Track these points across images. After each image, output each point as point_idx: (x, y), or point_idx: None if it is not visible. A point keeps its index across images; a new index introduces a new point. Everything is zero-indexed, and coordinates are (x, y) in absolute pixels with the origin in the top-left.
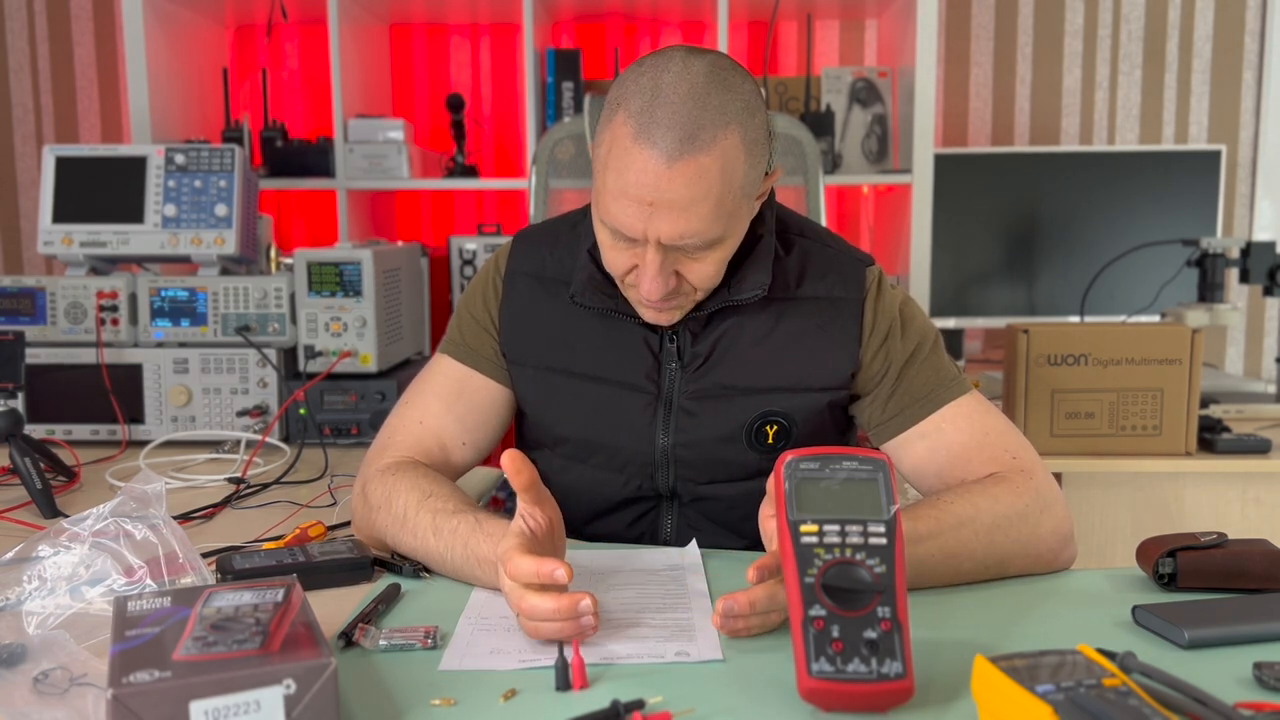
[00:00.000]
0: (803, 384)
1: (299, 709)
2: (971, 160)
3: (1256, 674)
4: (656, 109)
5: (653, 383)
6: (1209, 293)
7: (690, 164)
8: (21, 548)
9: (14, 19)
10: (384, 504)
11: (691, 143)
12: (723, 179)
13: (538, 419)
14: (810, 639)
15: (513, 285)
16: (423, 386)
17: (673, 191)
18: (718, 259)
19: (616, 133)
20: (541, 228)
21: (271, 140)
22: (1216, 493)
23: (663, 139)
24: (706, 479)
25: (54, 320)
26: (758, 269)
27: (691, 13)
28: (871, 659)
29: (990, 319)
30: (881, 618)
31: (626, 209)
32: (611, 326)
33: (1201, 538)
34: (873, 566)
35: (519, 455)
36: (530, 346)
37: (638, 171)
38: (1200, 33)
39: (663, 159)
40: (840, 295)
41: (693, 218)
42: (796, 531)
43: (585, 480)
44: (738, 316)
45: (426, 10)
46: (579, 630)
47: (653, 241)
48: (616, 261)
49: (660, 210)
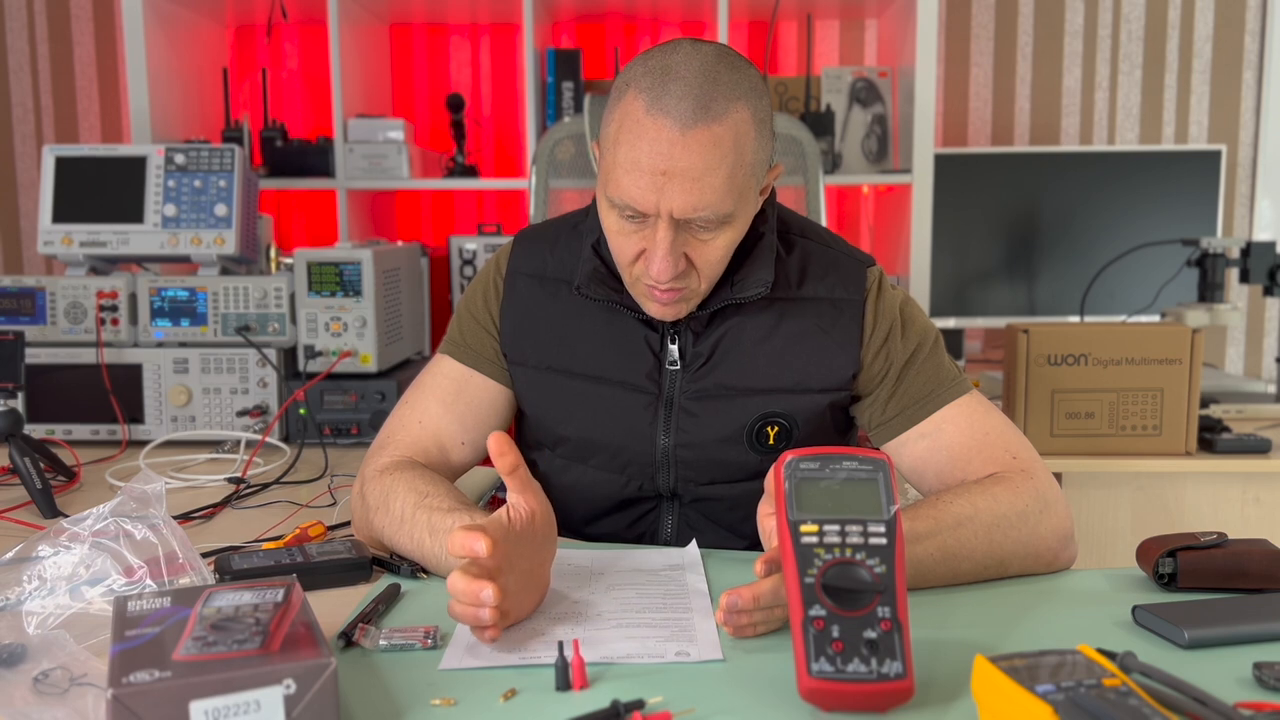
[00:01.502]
0: (804, 385)
1: (299, 709)
2: (971, 160)
3: (1256, 674)
4: (669, 83)
5: (654, 383)
6: (1209, 293)
7: (704, 132)
8: (21, 548)
9: (14, 19)
10: (382, 504)
11: (705, 112)
12: (735, 150)
13: (538, 419)
14: (810, 639)
15: (513, 285)
16: (422, 387)
17: (686, 159)
18: (725, 242)
19: (628, 109)
20: (542, 227)
21: (271, 140)
22: (1216, 493)
23: (676, 108)
24: (707, 479)
25: (54, 320)
26: (760, 266)
27: (691, 13)
28: (871, 659)
29: (990, 319)
30: (881, 617)
31: (639, 181)
32: (613, 326)
33: (1201, 538)
34: (873, 566)
35: (504, 438)
36: (531, 346)
37: (651, 140)
38: (1200, 33)
39: (676, 127)
40: (841, 296)
41: (706, 189)
42: (796, 531)
43: (586, 480)
44: (739, 317)
45: (426, 10)
46: (475, 620)
47: (664, 215)
48: (625, 247)
49: (674, 180)
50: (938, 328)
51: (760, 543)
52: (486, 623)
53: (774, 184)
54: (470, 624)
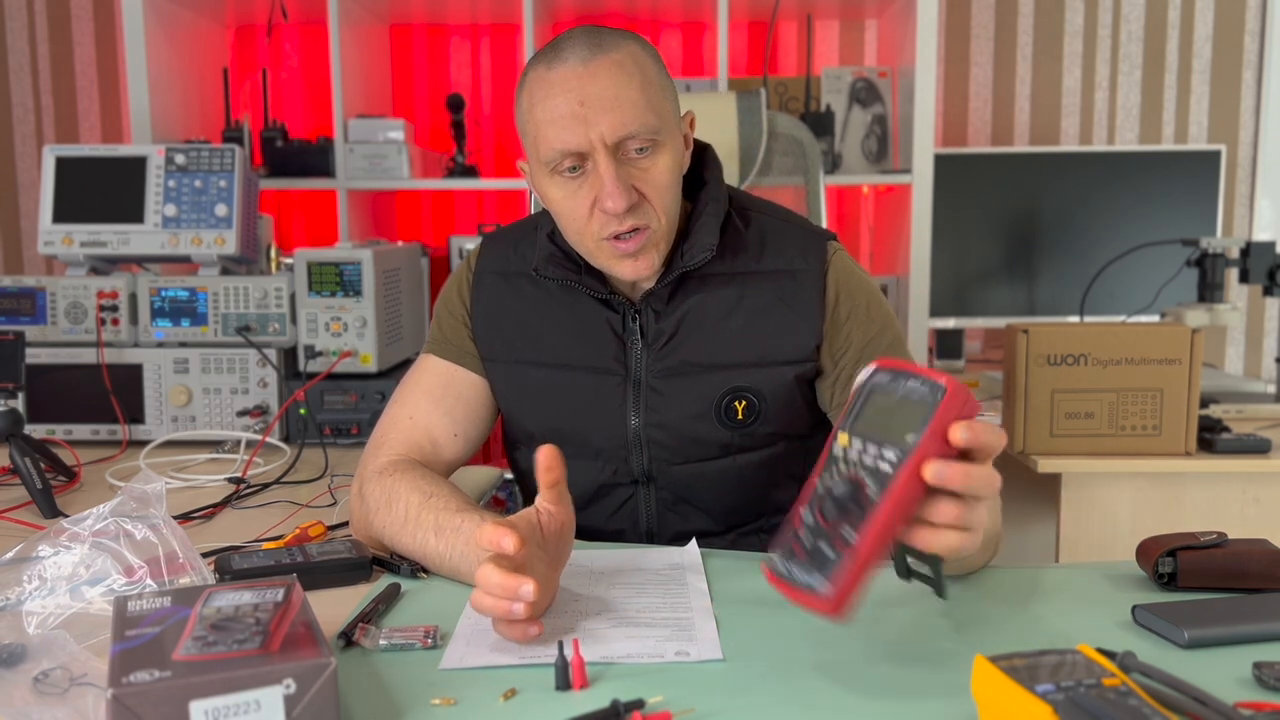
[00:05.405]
0: (769, 358)
1: (299, 709)
2: (971, 160)
3: (1256, 674)
4: (559, 45)
5: (620, 364)
6: (1209, 293)
7: (604, 59)
8: (21, 548)
9: (14, 19)
10: (383, 505)
11: (599, 48)
12: (639, 71)
13: (512, 413)
14: (789, 529)
15: (481, 283)
16: (410, 385)
17: (597, 85)
18: (665, 166)
19: (531, 82)
20: (506, 229)
21: (271, 140)
22: (1216, 492)
23: (572, 53)
24: (680, 459)
25: (54, 320)
26: (705, 231)
27: (691, 13)
28: (812, 570)
29: (990, 319)
30: (844, 538)
31: (562, 123)
32: (574, 312)
33: (1201, 537)
34: (868, 491)
35: (555, 453)
36: (500, 341)
37: (559, 84)
38: (1200, 33)
39: (579, 63)
40: (801, 268)
41: (625, 104)
42: (835, 437)
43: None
44: (701, 294)
45: (426, 10)
46: (507, 613)
47: (598, 145)
48: (576, 206)
49: (593, 108)
50: (899, 326)
51: (738, 526)
52: (519, 616)
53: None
54: (501, 617)
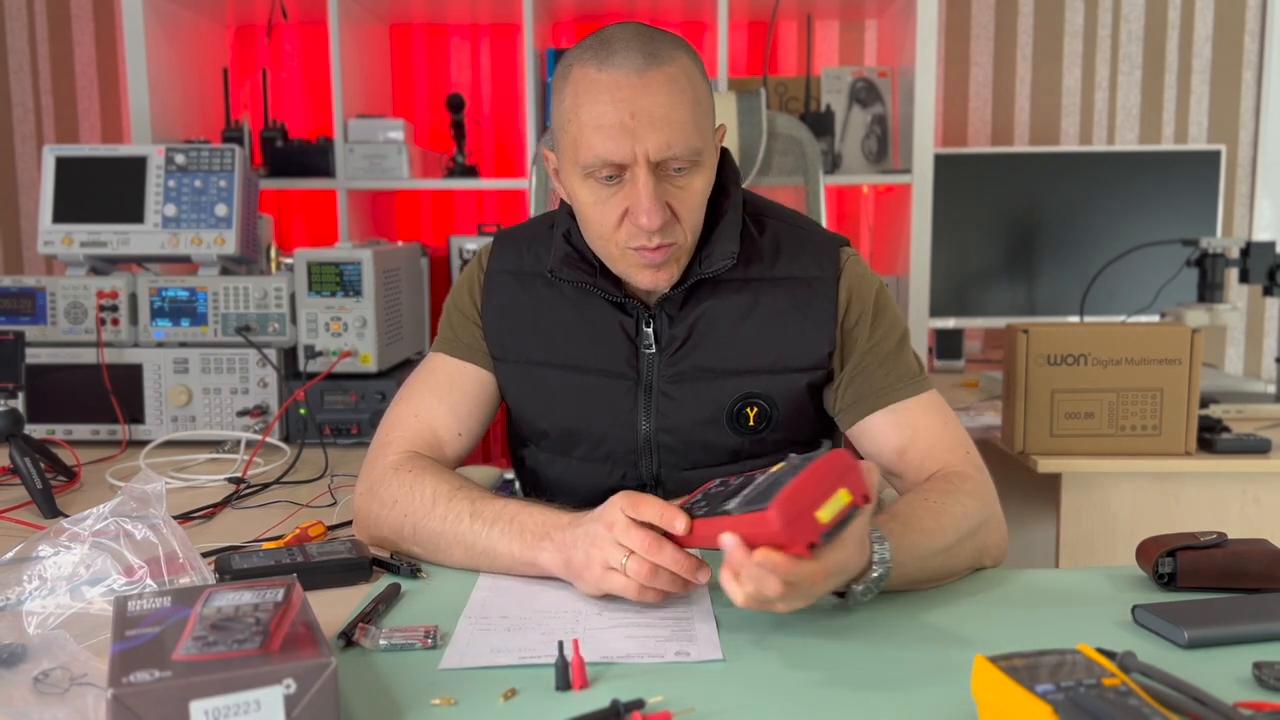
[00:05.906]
0: (781, 365)
1: (299, 709)
2: (971, 160)
3: (1256, 674)
4: (611, 45)
5: (632, 368)
6: (1209, 293)
7: (659, 73)
8: (21, 548)
9: (14, 19)
10: (404, 495)
11: (654, 58)
12: (691, 88)
13: (522, 413)
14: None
15: (493, 282)
16: (416, 384)
17: (650, 99)
18: (701, 186)
19: (578, 78)
20: (519, 227)
21: (271, 140)
22: (1216, 493)
23: (626, 59)
24: (689, 464)
25: (54, 320)
26: (725, 239)
27: (691, 13)
28: None
29: (990, 319)
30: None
31: (608, 132)
32: (587, 314)
33: (1201, 537)
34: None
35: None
36: (511, 341)
37: (611, 91)
38: (1200, 33)
39: (633, 72)
40: (815, 275)
41: (674, 125)
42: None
43: (571, 473)
44: (714, 299)
45: (426, 10)
46: (681, 589)
47: (641, 160)
48: (606, 215)
49: (642, 122)
50: (905, 324)
51: None
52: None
53: (723, 143)
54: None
